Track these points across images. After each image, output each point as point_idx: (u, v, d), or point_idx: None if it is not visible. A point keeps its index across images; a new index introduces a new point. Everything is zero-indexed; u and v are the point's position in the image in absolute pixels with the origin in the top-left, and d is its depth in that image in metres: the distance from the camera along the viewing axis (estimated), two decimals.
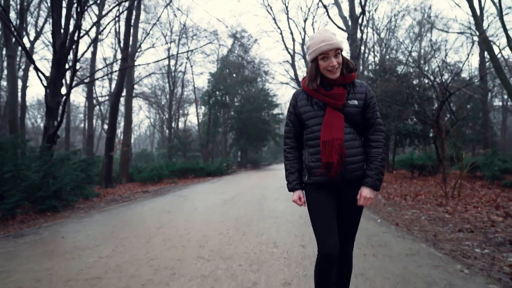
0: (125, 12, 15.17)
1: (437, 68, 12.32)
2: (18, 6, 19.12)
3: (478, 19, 15.82)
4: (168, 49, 30.21)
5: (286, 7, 25.29)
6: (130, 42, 15.87)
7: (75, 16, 9.19)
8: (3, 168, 6.60)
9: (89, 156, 13.38)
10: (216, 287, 2.52)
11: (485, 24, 20.40)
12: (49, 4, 21.30)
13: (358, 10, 17.66)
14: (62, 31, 9.17)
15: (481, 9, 19.83)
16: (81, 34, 9.71)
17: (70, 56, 9.94)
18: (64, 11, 9.29)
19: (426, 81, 12.81)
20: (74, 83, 10.08)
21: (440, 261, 3.06)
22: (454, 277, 2.64)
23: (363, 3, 17.50)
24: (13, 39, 17.49)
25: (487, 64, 21.86)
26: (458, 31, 24.59)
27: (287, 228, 4.61)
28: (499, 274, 2.72)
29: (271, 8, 31.09)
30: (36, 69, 8.59)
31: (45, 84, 8.84)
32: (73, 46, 9.34)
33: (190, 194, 9.87)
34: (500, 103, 32.94)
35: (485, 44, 15.41)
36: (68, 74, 15.76)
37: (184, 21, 27.18)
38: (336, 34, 1.79)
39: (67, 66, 9.53)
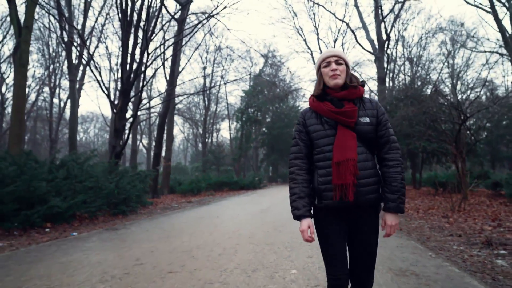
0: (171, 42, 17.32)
1: (464, 87, 12.96)
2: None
3: (507, 39, 16.29)
4: (204, 68, 32.54)
5: (316, 29, 26.78)
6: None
7: (138, 54, 11.19)
8: (89, 179, 8.46)
9: (143, 170, 15.37)
10: (265, 257, 3.97)
11: None
12: (100, 32, 24.27)
13: (385, 34, 18.73)
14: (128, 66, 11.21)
15: None
16: (142, 69, 11.74)
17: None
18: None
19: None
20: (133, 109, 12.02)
21: (419, 251, 4.33)
22: (422, 258, 3.93)
23: (388, 30, 18.71)
24: (75, 66, 20.29)
25: None
26: (489, 50, 24.66)
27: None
28: (457, 259, 3.96)
29: (302, 30, 32.85)
30: (110, 101, 10.61)
31: (115, 110, 10.85)
32: (136, 79, 11.35)
33: (230, 205, 11.43)
34: None
35: None
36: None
37: (219, 44, 29.56)
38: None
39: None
